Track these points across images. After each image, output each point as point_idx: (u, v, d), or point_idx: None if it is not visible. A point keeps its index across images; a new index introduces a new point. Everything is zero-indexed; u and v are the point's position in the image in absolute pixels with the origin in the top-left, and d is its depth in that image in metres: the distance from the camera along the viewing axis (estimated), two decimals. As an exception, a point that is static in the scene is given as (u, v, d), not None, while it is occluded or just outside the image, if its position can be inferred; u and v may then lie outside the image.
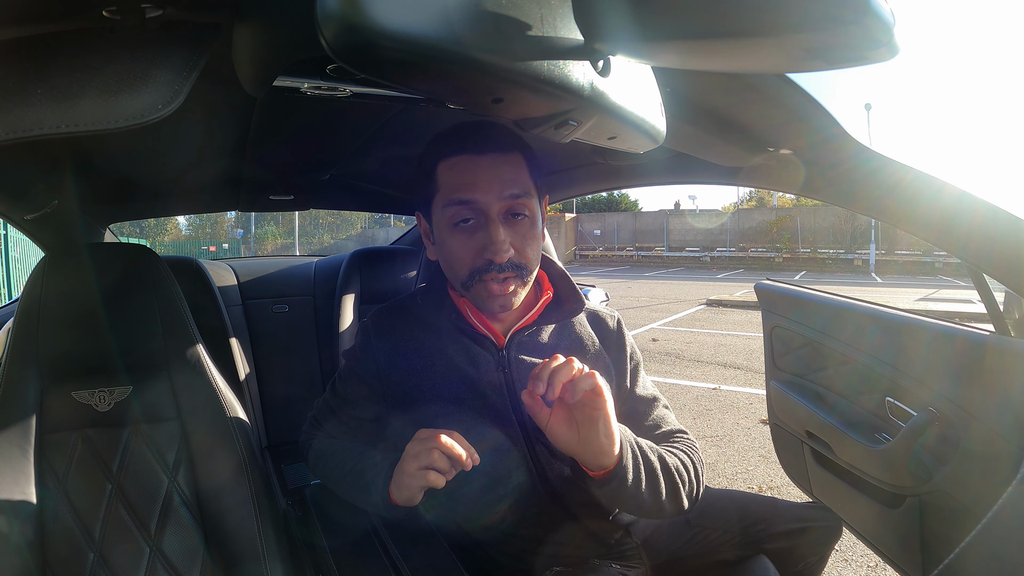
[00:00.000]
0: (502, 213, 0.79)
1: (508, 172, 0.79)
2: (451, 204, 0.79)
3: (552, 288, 0.92)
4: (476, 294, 0.82)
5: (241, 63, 0.52)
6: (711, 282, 14.36)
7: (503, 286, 0.79)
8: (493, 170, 0.78)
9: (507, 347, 0.86)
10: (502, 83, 0.39)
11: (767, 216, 22.45)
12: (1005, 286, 0.81)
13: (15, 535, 0.88)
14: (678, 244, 23.57)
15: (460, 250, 0.80)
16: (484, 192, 0.77)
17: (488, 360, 0.85)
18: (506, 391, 0.84)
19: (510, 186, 0.78)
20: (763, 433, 3.19)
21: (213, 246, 25.54)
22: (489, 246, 0.77)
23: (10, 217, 1.21)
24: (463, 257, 0.80)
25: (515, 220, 0.80)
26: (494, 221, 0.78)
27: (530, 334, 0.88)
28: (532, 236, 0.81)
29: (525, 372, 0.85)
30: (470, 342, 0.86)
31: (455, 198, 0.78)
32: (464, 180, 0.78)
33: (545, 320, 0.89)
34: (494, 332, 0.87)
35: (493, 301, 0.81)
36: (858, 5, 0.33)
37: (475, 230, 0.79)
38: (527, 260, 0.81)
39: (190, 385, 1.03)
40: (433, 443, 0.72)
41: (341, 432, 0.93)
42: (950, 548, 0.84)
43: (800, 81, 0.65)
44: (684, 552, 0.99)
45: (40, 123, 0.44)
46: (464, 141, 0.80)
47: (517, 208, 0.80)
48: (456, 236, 0.80)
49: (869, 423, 1.16)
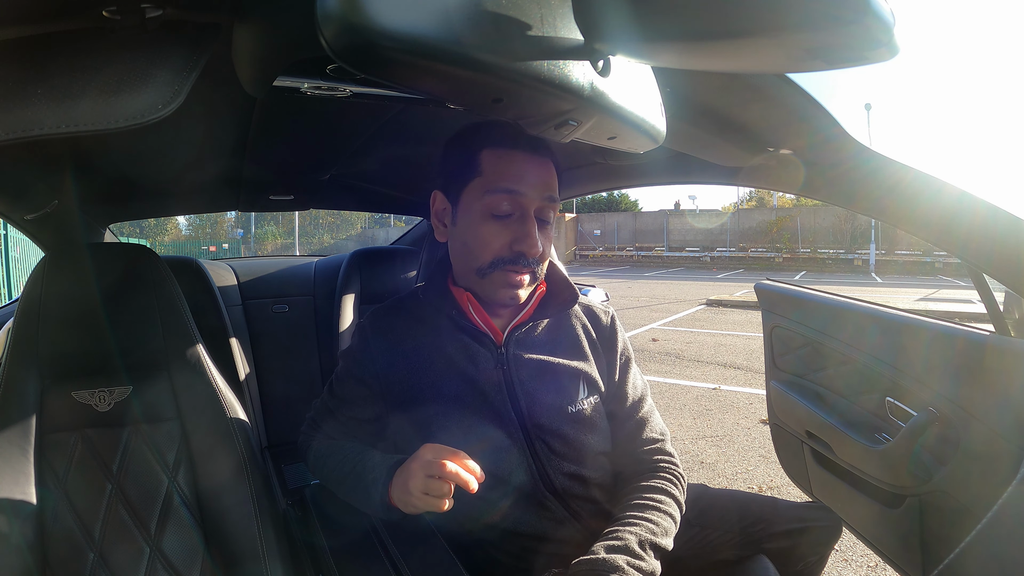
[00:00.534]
0: (537, 212, 0.83)
1: (548, 176, 0.84)
2: (495, 192, 0.81)
3: (545, 282, 0.93)
4: (492, 282, 0.83)
5: (241, 63, 0.52)
6: (711, 282, 14.36)
7: (520, 278, 0.83)
8: (538, 170, 0.83)
9: (505, 344, 0.87)
10: (502, 83, 0.39)
11: (767, 216, 22.45)
12: (1005, 286, 0.81)
13: (15, 535, 0.88)
14: (678, 244, 23.57)
15: (490, 237, 0.82)
16: (530, 188, 0.81)
17: (487, 357, 0.86)
18: (505, 389, 0.85)
19: (549, 188, 0.84)
20: (763, 433, 3.19)
21: (213, 246, 25.54)
22: (524, 239, 0.81)
23: (10, 217, 1.21)
24: (491, 245, 0.82)
25: (543, 223, 0.85)
26: (531, 217, 0.82)
27: (527, 330, 0.89)
28: (550, 240, 0.87)
29: (523, 369, 0.86)
30: (469, 340, 0.87)
31: (502, 187, 0.81)
32: (514, 172, 0.81)
33: (541, 314, 0.91)
34: (493, 329, 0.88)
35: (506, 292, 0.83)
36: (858, 5, 0.33)
37: (510, 222, 0.82)
38: (544, 261, 0.86)
39: (190, 385, 1.03)
40: (438, 470, 0.71)
41: (340, 433, 0.93)
42: (950, 548, 0.84)
43: (800, 81, 0.65)
44: (684, 552, 0.98)
45: (40, 123, 0.44)
46: (516, 136, 0.82)
47: (547, 211, 0.85)
48: (490, 223, 0.82)
49: (869, 423, 1.16)
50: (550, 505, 0.84)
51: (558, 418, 0.85)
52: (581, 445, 0.86)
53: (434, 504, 0.72)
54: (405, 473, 0.75)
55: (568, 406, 0.86)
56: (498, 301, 0.85)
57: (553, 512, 0.84)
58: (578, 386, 0.88)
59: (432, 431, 0.84)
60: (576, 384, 0.88)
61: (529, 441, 0.84)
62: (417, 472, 0.73)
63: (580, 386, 0.88)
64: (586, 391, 0.88)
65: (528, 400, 0.85)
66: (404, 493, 0.74)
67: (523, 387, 0.85)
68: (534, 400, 0.85)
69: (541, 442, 0.84)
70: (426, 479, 0.72)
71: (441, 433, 0.84)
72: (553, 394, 0.86)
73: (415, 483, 0.73)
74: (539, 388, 0.85)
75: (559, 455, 0.85)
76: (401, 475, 0.76)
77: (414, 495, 0.73)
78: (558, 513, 0.84)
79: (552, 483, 0.84)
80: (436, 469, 0.71)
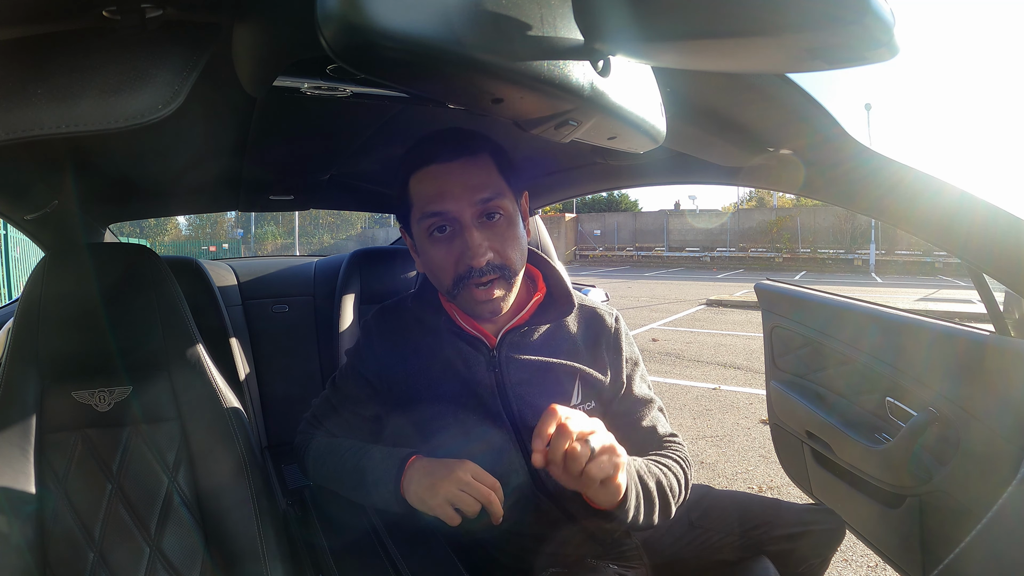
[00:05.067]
0: (476, 217, 0.79)
1: (477, 176, 0.79)
2: (425, 217, 0.79)
3: (545, 288, 0.92)
4: (463, 301, 0.82)
5: (241, 63, 0.52)
6: (711, 282, 14.36)
7: (488, 291, 0.79)
8: (461, 176, 0.78)
9: (498, 347, 0.86)
10: (502, 83, 0.39)
11: (767, 216, 22.44)
12: (1005, 286, 0.81)
13: (15, 535, 0.88)
14: (678, 244, 23.57)
15: (440, 259, 0.80)
16: (454, 200, 0.78)
17: (479, 361, 0.85)
18: (497, 392, 0.84)
19: (480, 190, 0.78)
20: (763, 433, 3.19)
21: (213, 246, 25.53)
22: (467, 252, 0.78)
23: (10, 217, 1.21)
24: (444, 266, 0.80)
25: (491, 222, 0.79)
26: (468, 227, 0.78)
27: (522, 334, 0.87)
28: (511, 236, 0.81)
29: (517, 372, 0.85)
30: (463, 343, 0.86)
31: (428, 210, 0.79)
32: (434, 191, 0.79)
33: (537, 320, 0.89)
34: (484, 333, 0.87)
35: (480, 307, 0.80)
36: (858, 5, 0.33)
37: (452, 238, 0.79)
38: (509, 261, 0.80)
39: (190, 385, 1.03)
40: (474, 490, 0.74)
41: (342, 429, 0.93)
42: (950, 548, 0.84)
43: (800, 81, 0.65)
44: (684, 553, 0.99)
45: (40, 123, 0.44)
46: (429, 152, 0.80)
47: (490, 210, 0.79)
48: (435, 246, 0.81)
49: (869, 423, 1.16)
50: (544, 506, 0.84)
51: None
52: None
53: (449, 515, 0.73)
54: (437, 475, 0.76)
55: None
56: (477, 316, 0.84)
57: (548, 513, 0.84)
58: (572, 389, 0.87)
59: (430, 432, 0.84)
60: (570, 387, 0.87)
61: (522, 442, 0.83)
62: (452, 480, 0.74)
63: (575, 389, 0.87)
64: (581, 394, 0.87)
65: (519, 403, 0.84)
66: (427, 492, 0.75)
67: (515, 390, 0.84)
68: (525, 402, 0.84)
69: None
70: (459, 491, 0.74)
71: (439, 433, 0.84)
72: (545, 396, 0.84)
73: (446, 489, 0.74)
74: (531, 391, 0.85)
75: None
76: (430, 475, 0.77)
77: (439, 498, 0.74)
78: (553, 514, 0.84)
79: (545, 484, 0.84)
80: (472, 488, 0.74)
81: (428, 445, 0.84)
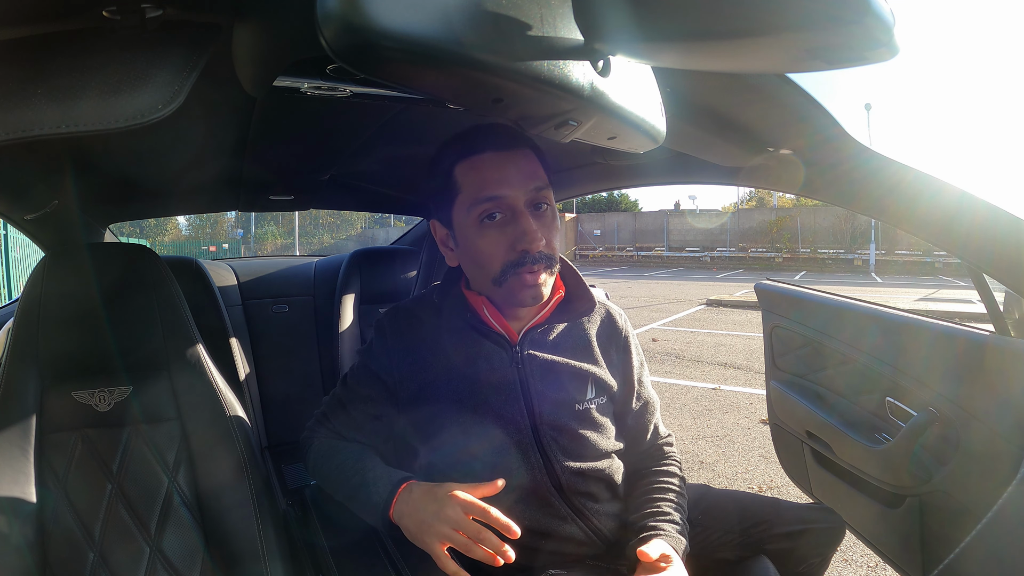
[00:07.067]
0: (528, 205, 0.81)
1: (528, 166, 0.82)
2: (478, 202, 0.80)
3: (564, 287, 0.93)
4: (509, 288, 0.83)
5: (241, 63, 0.52)
6: (711, 282, 14.35)
7: (535, 276, 0.81)
8: (515, 165, 0.81)
9: (520, 344, 0.88)
10: (502, 83, 0.39)
11: (767, 216, 22.44)
12: (1005, 286, 0.81)
13: (15, 535, 0.88)
14: (678, 244, 23.57)
15: (491, 246, 0.81)
16: (511, 186, 0.80)
17: (503, 357, 0.87)
18: (519, 388, 0.86)
19: (533, 179, 0.81)
20: (763, 433, 3.19)
21: (213, 246, 25.52)
22: (523, 237, 0.79)
23: (10, 217, 1.21)
24: (495, 253, 0.81)
25: (539, 211, 0.82)
26: (523, 213, 0.80)
27: (542, 332, 0.90)
28: (555, 227, 0.84)
29: (536, 368, 0.87)
30: (484, 340, 0.88)
31: (482, 196, 0.80)
32: (489, 177, 0.80)
33: (556, 319, 0.91)
34: (508, 330, 0.88)
35: (527, 292, 0.82)
36: (858, 5, 0.33)
37: (504, 225, 0.81)
38: (553, 250, 0.83)
39: (190, 385, 1.03)
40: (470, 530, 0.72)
41: (349, 428, 0.93)
42: (950, 548, 0.84)
43: (800, 81, 0.65)
44: (685, 552, 0.98)
45: (40, 123, 0.44)
46: (480, 141, 0.81)
47: (540, 199, 0.82)
48: (486, 233, 0.81)
49: (869, 423, 1.16)
50: (554, 502, 0.85)
51: (566, 415, 0.87)
52: (588, 442, 0.87)
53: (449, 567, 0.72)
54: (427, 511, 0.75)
55: (576, 404, 0.88)
56: (521, 302, 0.85)
57: (557, 509, 0.85)
58: (587, 386, 0.89)
59: (444, 427, 0.85)
60: (585, 384, 0.89)
61: (538, 437, 0.85)
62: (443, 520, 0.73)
63: (588, 386, 0.89)
64: (594, 391, 0.90)
65: (539, 398, 0.86)
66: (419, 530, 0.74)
67: (535, 385, 0.86)
68: (544, 397, 0.86)
69: (549, 438, 0.85)
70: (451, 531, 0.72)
71: (453, 428, 0.85)
72: (562, 392, 0.87)
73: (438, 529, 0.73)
74: (549, 386, 0.87)
75: (566, 452, 0.86)
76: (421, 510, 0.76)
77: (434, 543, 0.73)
78: (561, 510, 0.85)
79: (559, 479, 0.85)
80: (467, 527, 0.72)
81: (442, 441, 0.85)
